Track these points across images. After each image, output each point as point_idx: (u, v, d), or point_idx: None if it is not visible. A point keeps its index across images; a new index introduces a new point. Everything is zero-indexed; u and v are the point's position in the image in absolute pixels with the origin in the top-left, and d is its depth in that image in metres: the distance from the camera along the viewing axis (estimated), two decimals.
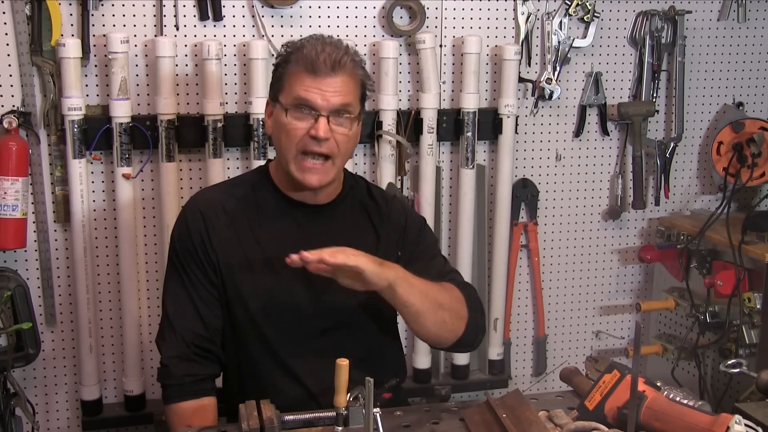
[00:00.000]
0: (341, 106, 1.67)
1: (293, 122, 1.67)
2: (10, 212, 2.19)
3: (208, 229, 1.74)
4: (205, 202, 1.78)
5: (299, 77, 1.67)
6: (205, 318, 1.74)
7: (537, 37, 2.61)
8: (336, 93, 1.66)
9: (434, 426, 1.60)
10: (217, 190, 1.89)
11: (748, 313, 2.48)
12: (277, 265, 1.73)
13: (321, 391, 1.73)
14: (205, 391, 1.73)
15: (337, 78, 1.66)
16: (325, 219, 1.79)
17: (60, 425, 2.47)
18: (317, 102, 1.65)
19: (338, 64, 1.65)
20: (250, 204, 1.78)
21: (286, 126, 1.68)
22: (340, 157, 1.71)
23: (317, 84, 1.65)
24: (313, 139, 1.66)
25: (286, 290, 1.73)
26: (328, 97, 1.65)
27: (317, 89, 1.65)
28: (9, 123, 2.19)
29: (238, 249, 1.74)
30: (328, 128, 1.65)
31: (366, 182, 1.92)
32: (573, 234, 2.80)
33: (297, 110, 1.67)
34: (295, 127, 1.67)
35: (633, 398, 1.42)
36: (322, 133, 1.65)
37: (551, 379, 2.79)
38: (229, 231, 1.75)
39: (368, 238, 1.80)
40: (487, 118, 2.56)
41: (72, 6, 2.24)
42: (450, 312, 1.73)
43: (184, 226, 1.76)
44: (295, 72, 1.68)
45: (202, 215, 1.75)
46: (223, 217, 1.75)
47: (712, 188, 2.86)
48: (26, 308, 2.26)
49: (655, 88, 2.72)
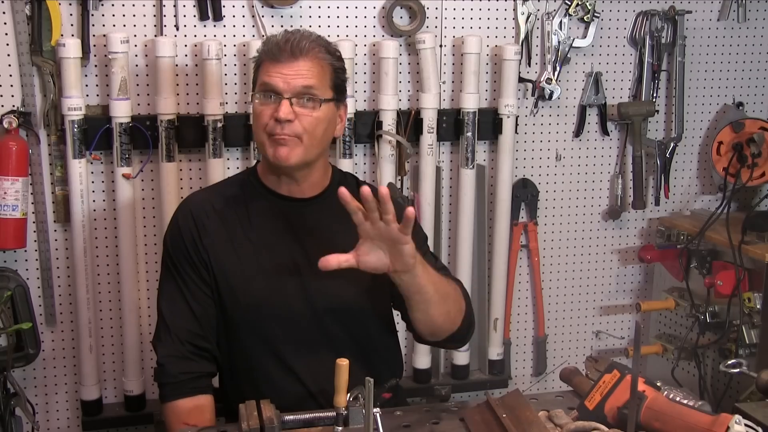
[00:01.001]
0: (303, 89, 1.69)
1: (259, 107, 1.72)
2: (10, 212, 2.19)
3: (198, 229, 1.76)
4: (195, 204, 1.81)
5: (265, 66, 1.72)
6: (199, 317, 1.76)
7: (537, 37, 2.61)
8: (297, 76, 1.69)
9: (434, 426, 1.60)
10: (207, 191, 1.92)
11: (748, 313, 2.48)
12: (268, 262, 1.75)
13: (319, 390, 1.74)
14: (201, 389, 1.74)
15: (298, 62, 1.69)
16: (313, 212, 1.81)
17: (60, 425, 2.47)
18: (279, 85, 1.69)
19: (298, 47, 1.70)
20: (239, 202, 1.81)
21: (255, 112, 1.73)
22: (308, 136, 1.71)
23: (279, 69, 1.69)
24: (277, 122, 1.69)
25: (279, 286, 1.74)
26: (289, 80, 1.69)
27: (279, 74, 1.69)
28: (9, 123, 2.19)
29: (229, 247, 1.76)
30: (290, 110, 1.68)
31: (356, 178, 1.94)
32: (573, 234, 2.80)
33: (263, 96, 1.71)
34: (260, 112, 1.71)
35: (633, 398, 1.42)
36: (282, 114, 1.67)
37: (551, 379, 2.79)
38: (219, 230, 1.77)
39: (354, 231, 1.81)
40: (487, 118, 2.56)
41: (72, 6, 2.24)
42: (454, 304, 1.75)
43: (176, 228, 1.79)
44: (262, 62, 1.73)
45: (193, 216, 1.78)
46: (213, 216, 1.78)
47: (712, 188, 2.86)
48: (26, 308, 2.26)
49: (655, 88, 2.72)
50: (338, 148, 2.42)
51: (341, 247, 1.71)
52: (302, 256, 1.76)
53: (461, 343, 1.90)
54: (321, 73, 1.72)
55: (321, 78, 1.72)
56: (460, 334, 1.80)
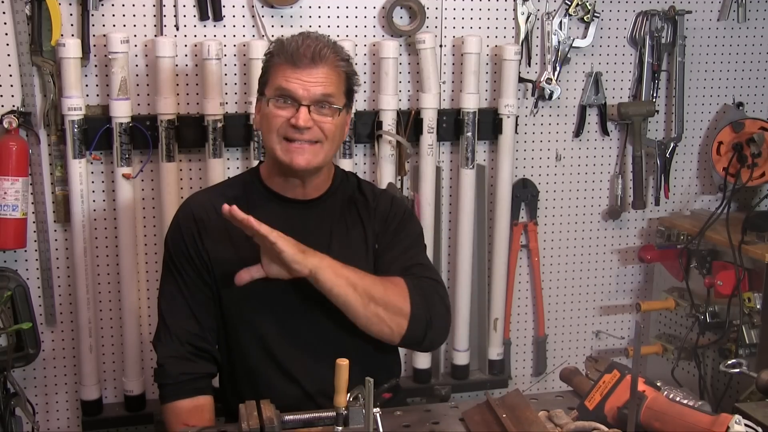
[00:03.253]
0: (322, 97, 1.69)
1: (274, 110, 1.70)
2: (10, 212, 2.19)
3: (200, 231, 1.76)
4: (196, 205, 1.81)
5: (281, 69, 1.70)
6: (200, 318, 1.76)
7: (537, 37, 2.61)
8: (317, 83, 1.68)
9: (434, 426, 1.60)
10: (209, 192, 1.91)
11: (748, 313, 2.48)
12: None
13: (317, 391, 1.74)
14: (201, 390, 1.74)
15: (317, 69, 1.68)
16: (314, 214, 1.80)
17: (60, 425, 2.47)
18: (298, 92, 1.68)
19: (318, 55, 1.68)
20: (241, 203, 1.78)
21: (268, 115, 1.71)
22: (327, 142, 1.72)
23: (298, 75, 1.68)
24: (293, 128, 1.68)
25: (278, 288, 1.74)
26: (309, 87, 1.68)
27: (298, 80, 1.68)
28: (9, 123, 2.19)
29: (229, 248, 1.76)
30: (309, 118, 1.68)
31: (357, 178, 1.93)
32: (573, 234, 2.80)
33: (279, 100, 1.70)
34: (276, 115, 1.70)
35: (633, 398, 1.42)
36: (302, 122, 1.67)
37: (551, 379, 2.79)
38: (220, 231, 1.76)
39: (356, 232, 1.81)
40: (487, 118, 2.56)
41: (72, 6, 2.24)
42: (385, 307, 1.69)
43: (177, 228, 1.79)
44: (277, 64, 1.71)
45: (194, 217, 1.78)
46: (215, 217, 1.77)
47: (712, 188, 2.86)
48: (26, 308, 2.26)
49: (655, 88, 2.72)
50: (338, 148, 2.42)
51: (337, 248, 1.72)
52: None
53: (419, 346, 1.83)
54: (338, 80, 1.72)
55: (338, 86, 1.72)
56: (411, 337, 1.73)
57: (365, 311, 1.68)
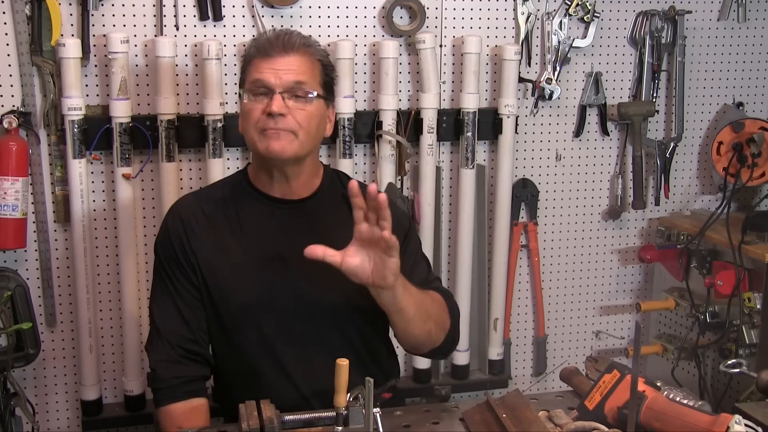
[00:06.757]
0: (295, 84, 1.69)
1: (250, 104, 1.70)
2: (10, 212, 2.19)
3: (187, 233, 1.76)
4: (184, 208, 1.80)
5: (255, 63, 1.71)
6: (190, 321, 1.75)
7: (537, 37, 2.61)
8: (288, 71, 1.68)
9: (434, 426, 1.60)
10: (197, 195, 1.90)
11: (748, 313, 2.48)
12: (258, 264, 1.74)
13: (313, 393, 1.74)
14: (195, 393, 1.74)
15: (289, 56, 1.69)
16: (304, 214, 1.79)
17: (60, 425, 2.47)
18: (270, 80, 1.68)
19: (289, 43, 1.70)
20: (229, 205, 1.80)
21: (245, 109, 1.72)
22: (303, 131, 1.70)
23: (269, 64, 1.69)
24: (269, 117, 1.67)
25: (269, 289, 1.74)
26: (281, 74, 1.68)
27: (270, 68, 1.68)
28: (9, 123, 2.19)
29: (218, 250, 1.75)
30: (283, 104, 1.67)
31: (348, 177, 1.92)
32: (573, 234, 2.80)
33: (254, 92, 1.70)
34: (252, 108, 1.70)
35: (633, 398, 1.42)
36: (275, 107, 1.66)
37: (551, 379, 2.79)
38: (208, 233, 1.76)
39: (348, 231, 1.80)
40: (487, 118, 2.56)
41: (72, 6, 2.24)
42: (436, 323, 1.73)
43: (166, 232, 1.79)
44: (251, 60, 1.72)
45: (182, 220, 1.77)
46: (202, 219, 1.77)
47: (712, 188, 2.86)
48: (26, 308, 2.26)
49: (655, 88, 2.72)
50: (338, 148, 2.42)
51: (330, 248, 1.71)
52: (293, 257, 1.72)
53: (442, 357, 1.93)
54: (311, 68, 1.72)
55: (311, 74, 1.72)
56: (442, 350, 1.80)
57: (423, 328, 1.70)
